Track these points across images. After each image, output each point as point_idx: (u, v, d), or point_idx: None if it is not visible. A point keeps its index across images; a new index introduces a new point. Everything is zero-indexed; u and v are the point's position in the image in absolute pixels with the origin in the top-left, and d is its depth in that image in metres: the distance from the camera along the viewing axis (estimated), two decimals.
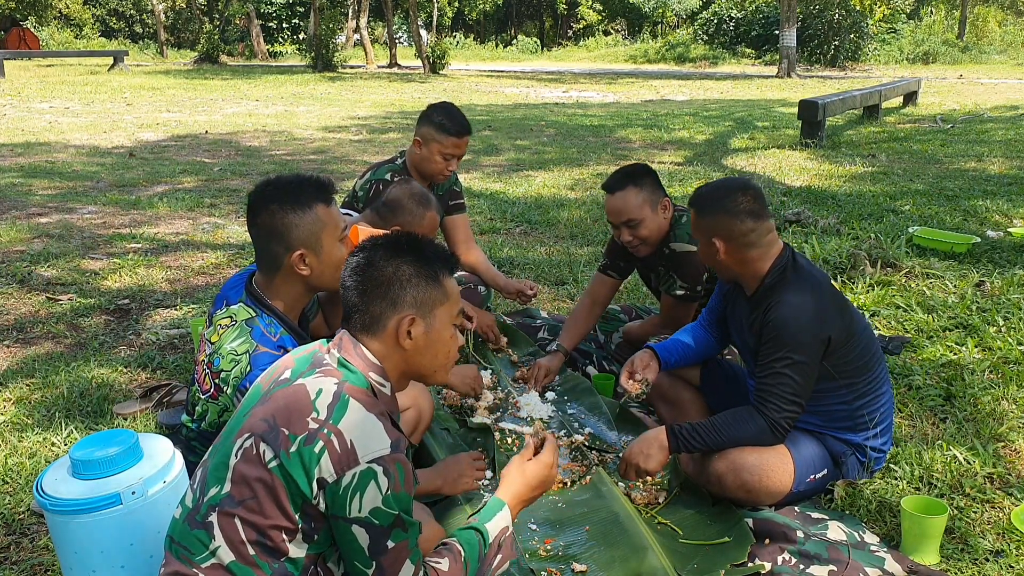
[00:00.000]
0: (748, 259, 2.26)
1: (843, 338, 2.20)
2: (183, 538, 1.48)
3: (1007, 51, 27.28)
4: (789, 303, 2.17)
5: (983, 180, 6.96)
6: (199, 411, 2.03)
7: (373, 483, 1.38)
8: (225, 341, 1.97)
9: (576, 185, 7.18)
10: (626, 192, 2.81)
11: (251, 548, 1.42)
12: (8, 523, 2.27)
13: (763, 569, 2.02)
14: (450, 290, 1.59)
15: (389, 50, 28.03)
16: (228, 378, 1.94)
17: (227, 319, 2.01)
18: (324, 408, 1.43)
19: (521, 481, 1.71)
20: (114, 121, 11.83)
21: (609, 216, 2.91)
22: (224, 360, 1.95)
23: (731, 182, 2.35)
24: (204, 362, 2.02)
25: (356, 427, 1.41)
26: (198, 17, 33.18)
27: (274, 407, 1.46)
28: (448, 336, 1.61)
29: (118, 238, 5.34)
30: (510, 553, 1.68)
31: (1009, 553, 2.08)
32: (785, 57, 21.37)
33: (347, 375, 1.51)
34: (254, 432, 1.45)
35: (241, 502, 1.42)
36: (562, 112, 13.59)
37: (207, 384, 2.00)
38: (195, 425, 2.05)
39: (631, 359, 2.55)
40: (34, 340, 3.61)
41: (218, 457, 1.49)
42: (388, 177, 3.32)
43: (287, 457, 1.40)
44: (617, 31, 39.90)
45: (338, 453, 1.39)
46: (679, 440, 2.23)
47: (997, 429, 2.67)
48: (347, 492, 1.38)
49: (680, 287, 2.91)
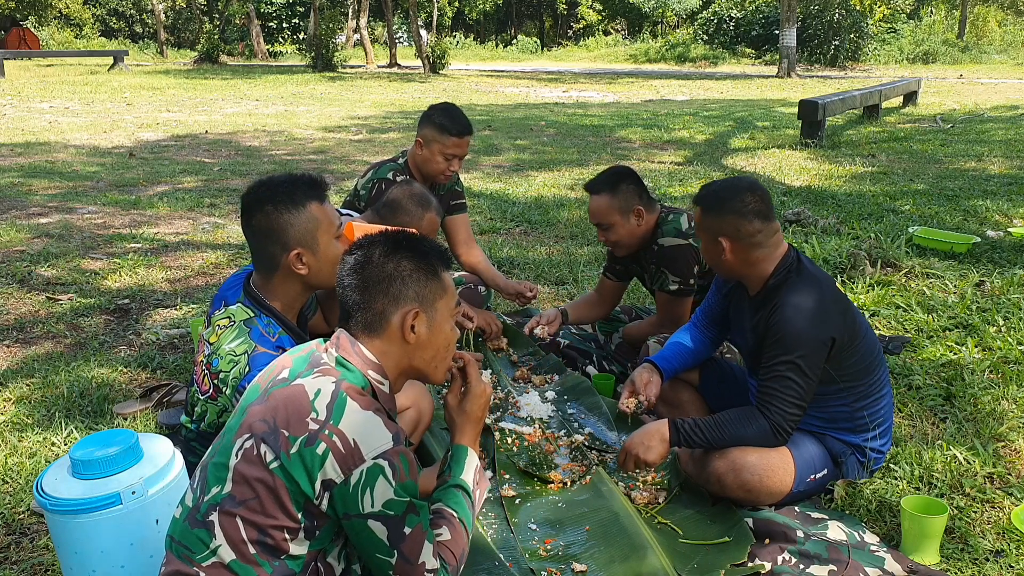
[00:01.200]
0: (753, 260, 2.25)
1: (846, 341, 2.20)
2: (184, 537, 1.48)
3: (1007, 51, 27.27)
4: (793, 305, 2.16)
5: (983, 180, 6.96)
6: (198, 412, 2.03)
7: (382, 477, 1.41)
8: (223, 342, 1.96)
9: (576, 185, 7.17)
10: (600, 197, 2.93)
11: (252, 547, 1.43)
12: (8, 523, 2.26)
13: (763, 569, 2.02)
14: (447, 283, 1.62)
15: (389, 50, 28.03)
16: (227, 379, 1.94)
17: (225, 319, 2.01)
18: (323, 408, 1.44)
19: (466, 420, 1.75)
20: (114, 121, 11.83)
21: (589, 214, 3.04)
22: (223, 361, 1.95)
23: (738, 182, 2.33)
24: (203, 363, 2.02)
25: (357, 425, 1.43)
26: (198, 17, 33.17)
27: (273, 407, 1.47)
28: (448, 329, 1.64)
29: (118, 238, 5.34)
30: (485, 483, 1.78)
31: (1009, 553, 2.08)
32: (785, 57, 21.38)
33: (345, 374, 1.51)
34: (254, 433, 1.45)
35: (243, 502, 1.43)
36: (562, 112, 13.59)
37: (206, 385, 2.00)
38: (194, 426, 2.04)
39: (631, 378, 2.53)
40: (34, 340, 3.61)
41: (218, 457, 1.50)
42: (390, 176, 3.32)
43: (287, 458, 1.41)
44: (617, 31, 39.89)
45: (343, 453, 1.40)
46: (681, 434, 2.23)
47: (997, 429, 2.67)
48: (357, 490, 1.40)
49: (673, 282, 2.93)
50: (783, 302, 2.18)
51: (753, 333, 2.31)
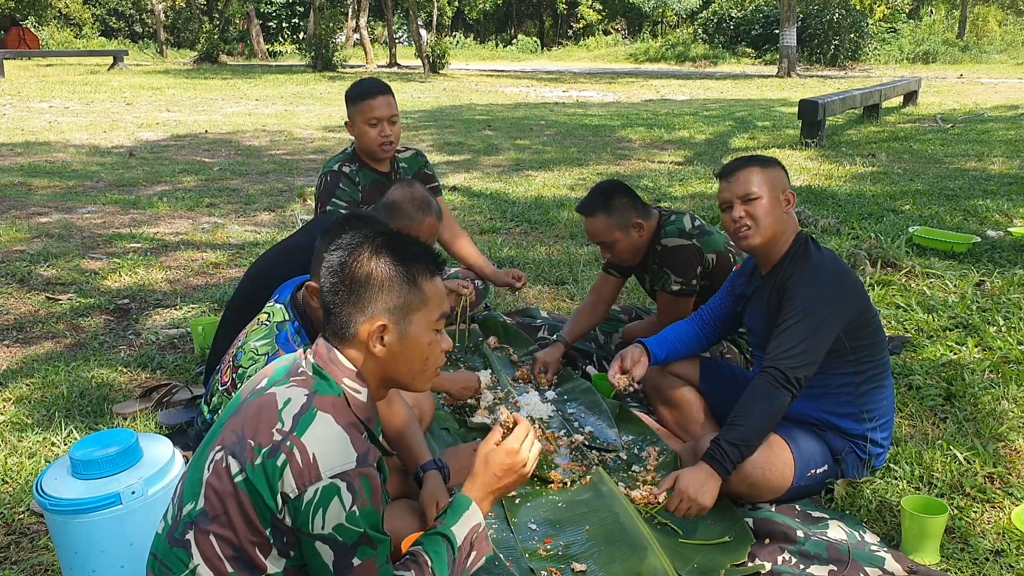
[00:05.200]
0: (791, 221, 2.35)
1: (862, 308, 2.26)
2: (165, 556, 1.44)
3: (1007, 51, 27.25)
4: (809, 271, 2.25)
5: (983, 180, 6.96)
6: (215, 402, 2.06)
7: (336, 499, 1.32)
8: (251, 338, 2.00)
9: (576, 185, 7.17)
10: (596, 220, 2.90)
11: (229, 565, 1.38)
12: (8, 523, 2.26)
13: (763, 569, 2.02)
14: (429, 294, 1.50)
15: (389, 49, 28.03)
16: (244, 375, 1.97)
17: (266, 315, 2.06)
18: (289, 419, 1.38)
19: (485, 471, 1.59)
20: (114, 121, 11.83)
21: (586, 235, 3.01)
22: (245, 356, 1.98)
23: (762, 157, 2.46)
24: (232, 353, 2.06)
25: (320, 441, 1.35)
26: (198, 17, 33.15)
27: (244, 418, 1.42)
28: (426, 343, 1.51)
29: (118, 238, 5.34)
30: (485, 549, 1.59)
31: (1009, 553, 2.08)
32: (785, 57, 21.37)
33: (319, 383, 1.44)
34: (224, 445, 1.41)
35: (214, 518, 1.38)
36: (562, 112, 13.58)
37: (227, 376, 2.03)
38: (210, 416, 2.08)
39: (621, 354, 2.55)
40: (34, 340, 3.61)
41: (193, 471, 1.45)
42: (336, 167, 3.30)
43: (252, 470, 1.35)
44: (617, 31, 39.86)
45: (300, 467, 1.33)
46: (723, 464, 2.13)
47: (997, 429, 2.67)
48: (309, 508, 1.33)
49: (675, 282, 2.91)
50: (799, 268, 2.27)
51: (765, 310, 2.35)
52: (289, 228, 5.58)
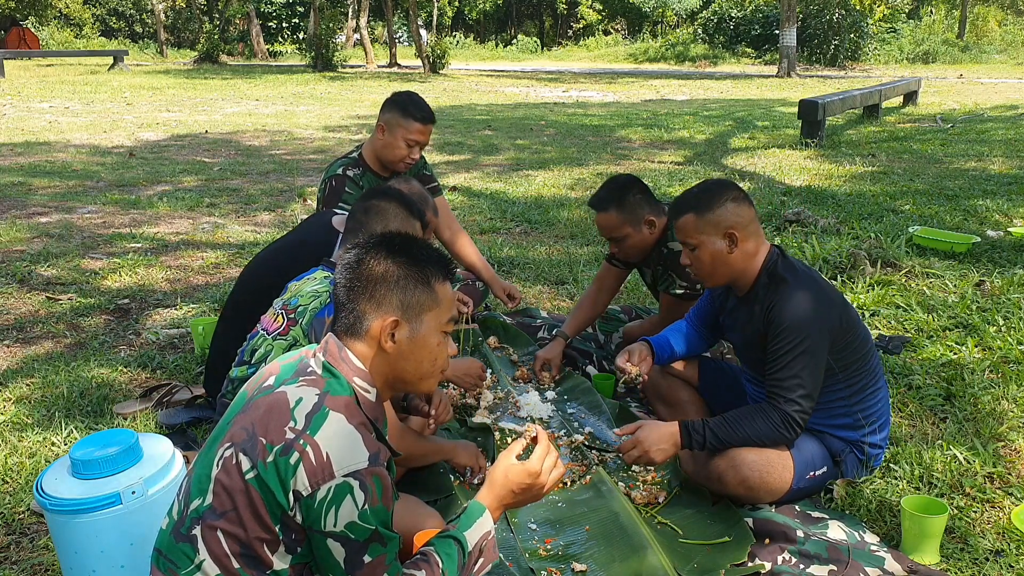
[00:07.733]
0: (752, 250, 2.27)
1: (846, 326, 2.23)
2: (170, 551, 1.45)
3: (1007, 51, 27.27)
4: (791, 298, 2.18)
5: (983, 180, 6.96)
6: (259, 354, 2.17)
7: (349, 497, 1.35)
8: (306, 286, 2.21)
9: (576, 185, 7.18)
10: (608, 214, 2.89)
11: (235, 561, 1.39)
12: (8, 523, 2.26)
13: (763, 569, 2.02)
14: (441, 296, 1.54)
15: (389, 50, 28.03)
16: (305, 311, 2.13)
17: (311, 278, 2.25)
18: (302, 417, 1.39)
19: (503, 484, 1.62)
20: (114, 121, 11.83)
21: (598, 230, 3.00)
22: (304, 297, 2.17)
23: (708, 183, 2.37)
24: (277, 308, 2.23)
25: (333, 439, 1.37)
26: (198, 17, 33.16)
27: (254, 415, 1.43)
28: (435, 344, 1.54)
29: (118, 238, 5.34)
30: (492, 556, 1.62)
31: (1009, 553, 2.08)
32: (785, 57, 21.37)
33: (330, 383, 1.46)
34: (234, 442, 1.42)
35: (223, 514, 1.39)
36: (562, 112, 13.58)
37: (278, 323, 2.18)
38: (251, 369, 2.17)
39: (627, 349, 2.55)
40: (34, 340, 3.61)
41: (201, 467, 1.46)
42: (340, 171, 3.27)
43: (264, 467, 1.37)
44: (617, 31, 39.87)
45: (313, 466, 1.35)
46: (693, 437, 2.22)
47: (997, 429, 2.67)
48: (322, 506, 1.35)
49: (680, 286, 2.91)
50: (779, 298, 2.20)
51: (744, 331, 2.33)
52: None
